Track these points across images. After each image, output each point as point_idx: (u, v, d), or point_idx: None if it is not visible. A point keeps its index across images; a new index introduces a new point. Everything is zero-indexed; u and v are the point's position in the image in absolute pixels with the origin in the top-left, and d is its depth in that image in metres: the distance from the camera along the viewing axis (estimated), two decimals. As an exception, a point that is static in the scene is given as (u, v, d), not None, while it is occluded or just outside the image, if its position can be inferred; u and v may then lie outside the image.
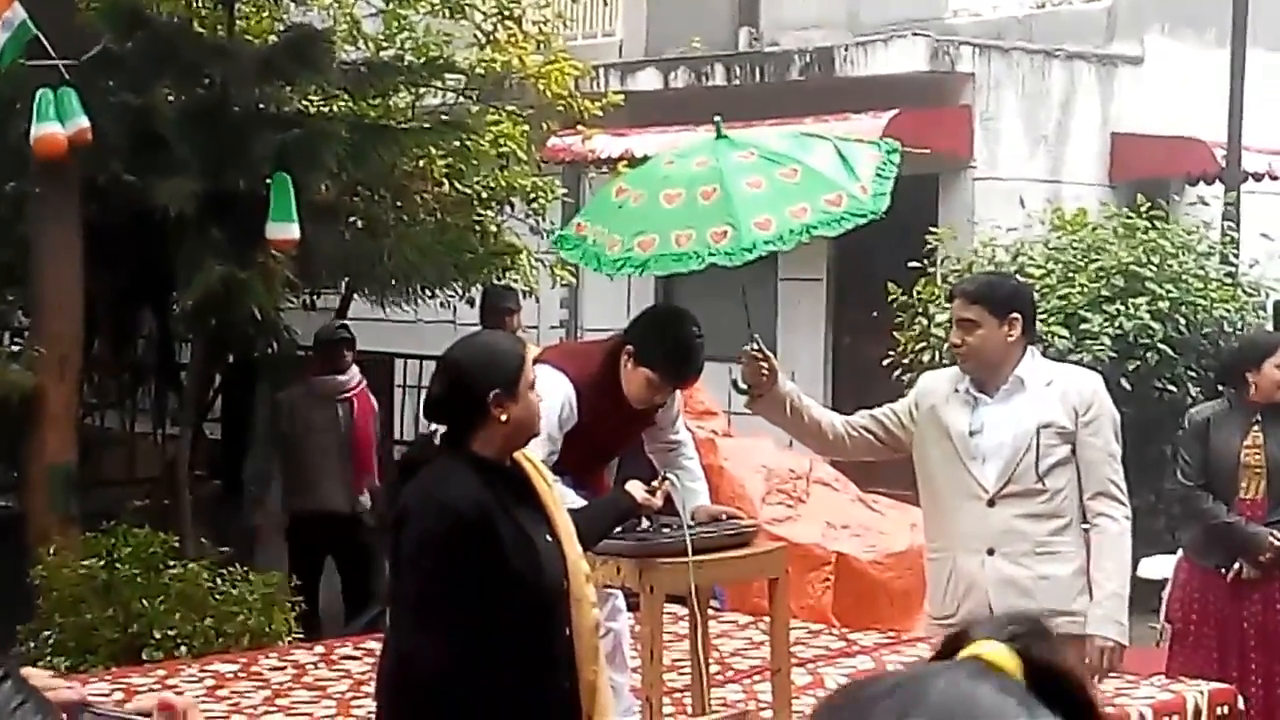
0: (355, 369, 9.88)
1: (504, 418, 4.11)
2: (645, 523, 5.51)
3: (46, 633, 8.04)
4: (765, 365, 5.56)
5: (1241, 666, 7.36)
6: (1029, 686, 1.31)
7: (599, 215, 6.08)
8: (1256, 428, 7.30)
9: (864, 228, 6.05)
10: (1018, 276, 10.01)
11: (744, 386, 5.65)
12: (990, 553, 5.26)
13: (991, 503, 5.25)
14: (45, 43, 8.39)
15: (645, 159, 9.35)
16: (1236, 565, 7.39)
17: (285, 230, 8.71)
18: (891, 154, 6.21)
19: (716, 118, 6.30)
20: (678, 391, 6.19)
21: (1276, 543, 7.23)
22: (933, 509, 5.49)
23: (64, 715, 1.73)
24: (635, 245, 5.70)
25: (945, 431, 5.33)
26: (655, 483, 5.23)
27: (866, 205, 5.90)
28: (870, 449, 5.62)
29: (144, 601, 7.97)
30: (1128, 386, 11.13)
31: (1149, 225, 12.08)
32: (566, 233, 6.23)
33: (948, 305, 6.12)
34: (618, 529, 5.33)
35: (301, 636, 8.46)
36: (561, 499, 5.47)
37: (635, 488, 5.09)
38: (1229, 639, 7.42)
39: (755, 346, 5.58)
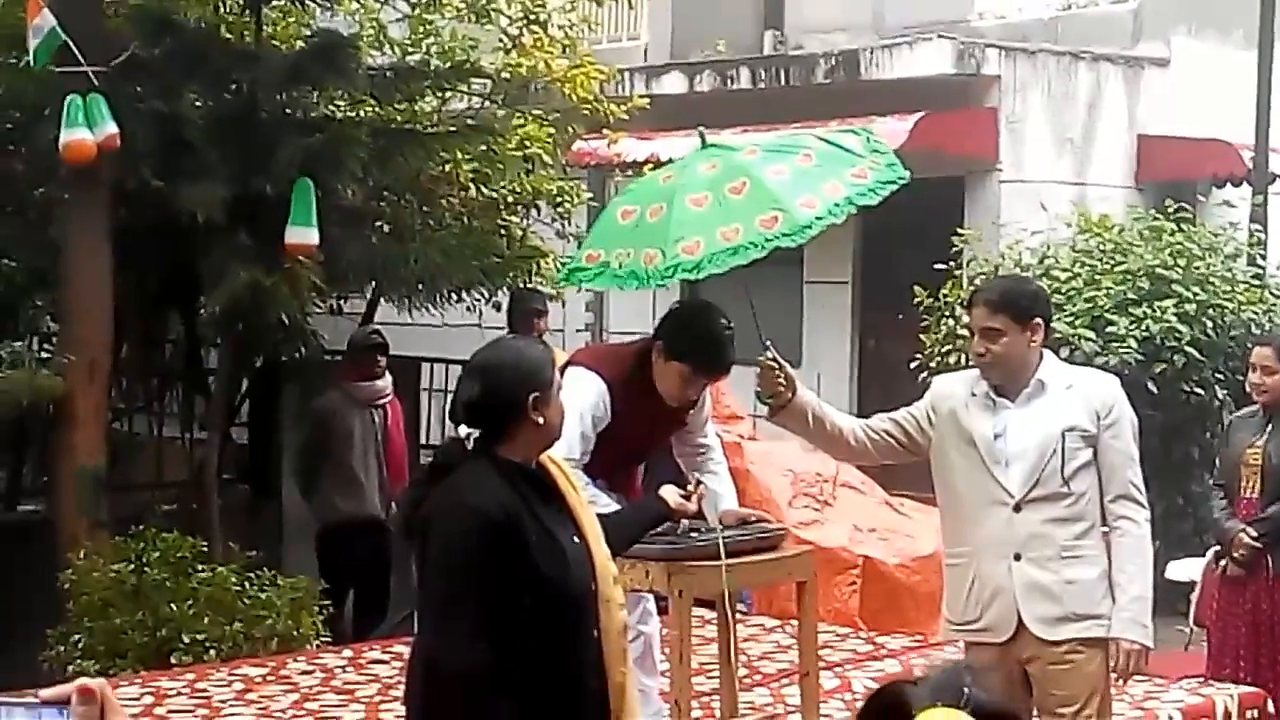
0: (389, 376, 9.89)
1: (540, 420, 4.14)
2: (673, 526, 5.51)
3: (76, 636, 8.07)
4: (781, 374, 5.54)
5: (1234, 665, 7.40)
6: None
7: (613, 239, 6.04)
8: (1270, 428, 7.37)
9: (892, 224, 6.06)
10: (1038, 279, 10.03)
11: (765, 398, 5.63)
12: (1017, 558, 5.25)
13: (1018, 508, 5.24)
14: (75, 49, 8.43)
15: (670, 162, 9.36)
16: (1223, 562, 7.46)
17: (304, 235, 8.71)
18: (868, 132, 6.30)
19: (700, 128, 6.32)
20: (708, 395, 6.20)
21: (1246, 539, 7.28)
22: (954, 514, 5.46)
23: None
24: (680, 251, 5.68)
25: (968, 436, 5.31)
26: (690, 487, 5.22)
27: (889, 174, 5.93)
28: (892, 452, 5.60)
29: (173, 605, 8.00)
30: (1154, 389, 11.12)
31: (1175, 227, 12.06)
32: (578, 266, 6.16)
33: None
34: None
35: (330, 640, 8.48)
36: (594, 501, 5.49)
37: (670, 493, 5.09)
38: (1229, 637, 7.47)
39: (770, 355, 5.56)
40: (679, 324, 5.88)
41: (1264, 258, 12.50)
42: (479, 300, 10.80)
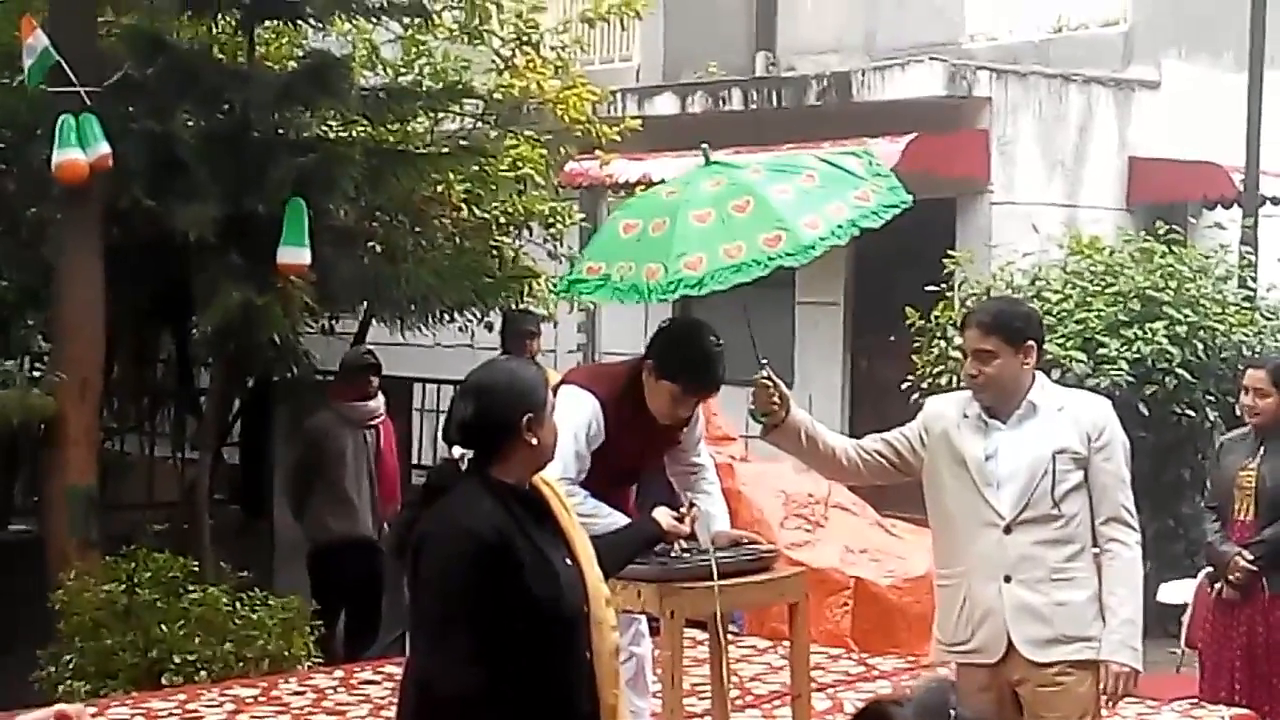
0: (381, 396, 9.90)
1: (534, 441, 4.14)
2: (666, 547, 5.51)
3: (67, 657, 8.06)
4: (776, 393, 5.55)
5: (1228, 688, 7.40)
6: None
7: (615, 252, 6.04)
8: (1262, 450, 7.38)
9: (884, 245, 6.06)
10: (1030, 300, 10.05)
11: (759, 417, 5.63)
12: (1007, 579, 5.25)
13: (1008, 529, 5.24)
14: (67, 69, 8.45)
15: (661, 183, 9.38)
16: (1218, 585, 7.47)
17: (296, 255, 8.72)
18: (870, 155, 6.30)
19: (704, 145, 6.32)
20: (701, 414, 6.20)
21: (1242, 562, 7.29)
22: (945, 535, 5.46)
23: None
24: (682, 266, 5.69)
25: (959, 457, 5.32)
26: (684, 509, 5.22)
27: (891, 198, 5.94)
28: (883, 473, 5.61)
29: (164, 626, 8.00)
30: (1145, 411, 11.12)
31: (1166, 249, 12.08)
32: (578, 276, 6.16)
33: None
34: (638, 554, 5.32)
35: (321, 661, 8.47)
36: (595, 513, 5.49)
37: (663, 514, 5.09)
38: (1223, 660, 7.47)
39: (765, 374, 5.56)
40: (669, 343, 5.88)
41: (1254, 280, 12.53)
42: (471, 321, 10.81)
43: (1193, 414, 11.53)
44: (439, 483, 4.23)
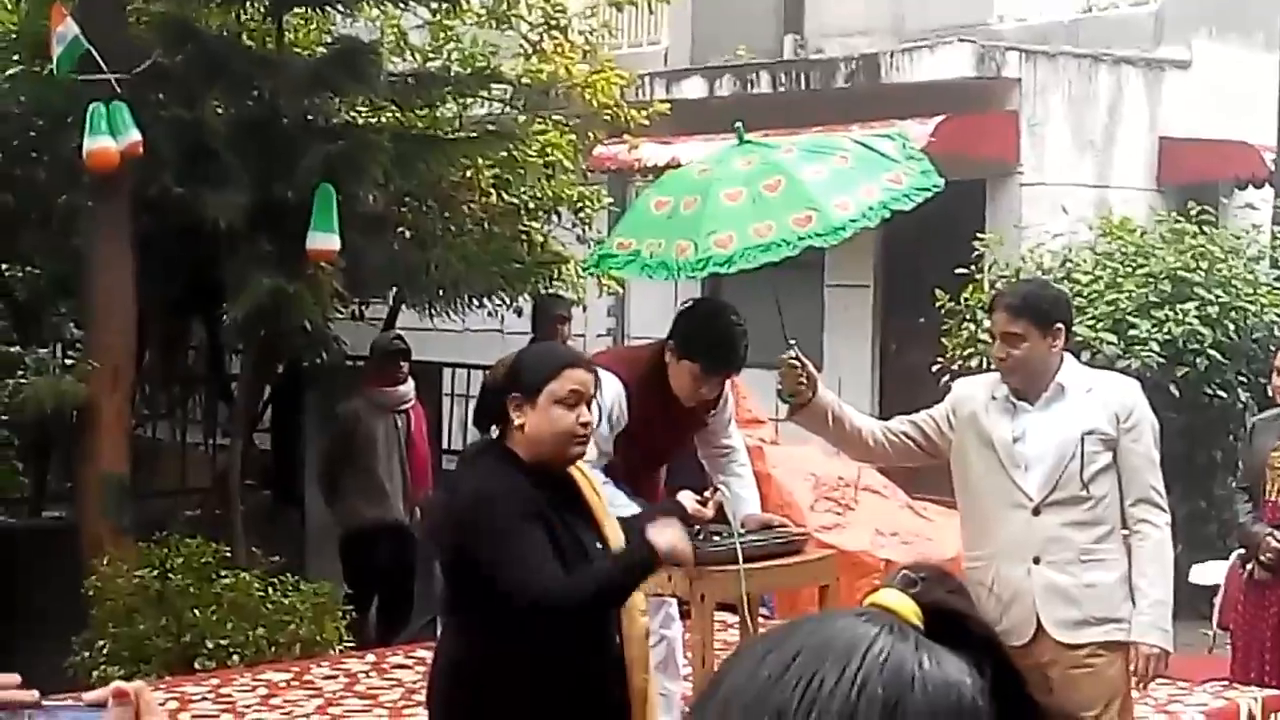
0: (411, 381, 9.92)
1: (519, 421, 4.15)
2: (696, 530, 5.51)
3: (100, 643, 8.10)
4: (803, 373, 5.54)
5: (1259, 669, 7.38)
6: (932, 631, 1.30)
7: (645, 228, 6.06)
8: None
9: (911, 230, 6.05)
10: (1059, 282, 10.02)
11: (786, 397, 5.64)
12: (1036, 561, 5.25)
13: (1036, 511, 5.24)
14: (97, 57, 8.46)
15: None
16: (1249, 566, 7.44)
17: (326, 241, 8.73)
18: (904, 138, 6.30)
19: (737, 124, 6.31)
20: (730, 396, 6.20)
21: (1274, 543, 7.26)
22: (974, 517, 5.47)
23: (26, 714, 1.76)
24: (712, 244, 5.70)
25: (987, 439, 5.32)
26: (707, 493, 5.23)
27: (923, 181, 5.94)
28: (910, 455, 5.61)
29: (196, 611, 8.03)
30: (1176, 392, 11.09)
31: (1197, 230, 12.03)
32: (609, 251, 6.19)
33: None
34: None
35: (353, 645, 8.50)
36: (611, 502, 5.50)
37: (686, 498, 5.11)
38: (1254, 641, 7.45)
39: (793, 354, 5.56)
40: (689, 323, 5.88)
41: (1286, 260, 12.48)
42: (500, 306, 10.83)
43: (1224, 395, 11.49)
44: (469, 459, 4.30)
